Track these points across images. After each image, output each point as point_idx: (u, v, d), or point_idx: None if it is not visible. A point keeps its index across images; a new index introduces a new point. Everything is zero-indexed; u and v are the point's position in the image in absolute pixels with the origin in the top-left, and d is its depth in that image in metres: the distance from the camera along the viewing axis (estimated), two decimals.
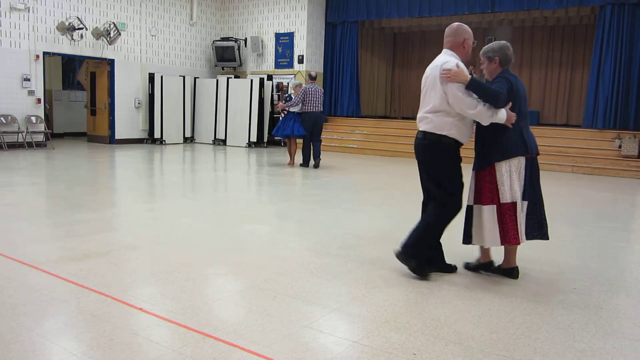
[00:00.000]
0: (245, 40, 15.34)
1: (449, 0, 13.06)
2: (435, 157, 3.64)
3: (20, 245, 4.18)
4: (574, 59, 15.10)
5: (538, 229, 3.67)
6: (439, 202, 3.67)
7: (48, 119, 13.21)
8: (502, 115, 3.46)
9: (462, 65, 3.49)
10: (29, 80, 11.66)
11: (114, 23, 12.81)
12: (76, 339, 2.63)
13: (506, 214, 3.54)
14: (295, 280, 3.56)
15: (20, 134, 11.50)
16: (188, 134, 14.88)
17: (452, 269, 3.83)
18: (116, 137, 13.51)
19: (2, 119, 11.28)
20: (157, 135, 14.06)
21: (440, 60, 3.57)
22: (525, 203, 3.58)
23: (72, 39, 12.23)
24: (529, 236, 3.65)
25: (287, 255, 4.16)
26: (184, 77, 14.51)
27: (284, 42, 14.69)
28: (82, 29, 12.24)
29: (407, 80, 18.17)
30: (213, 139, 14.74)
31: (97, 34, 12.64)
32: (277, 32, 14.80)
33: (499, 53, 3.61)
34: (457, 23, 3.74)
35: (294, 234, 5.06)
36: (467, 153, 3.67)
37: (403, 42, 18.24)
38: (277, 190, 7.72)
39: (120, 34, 12.86)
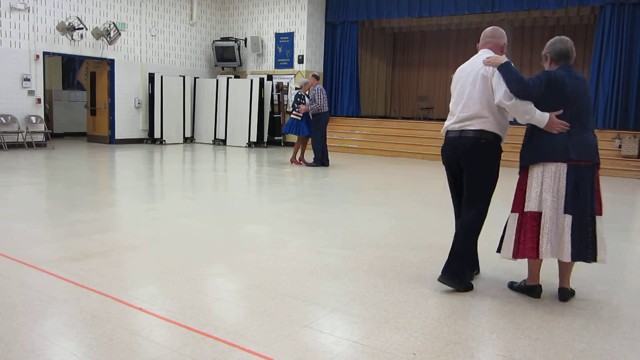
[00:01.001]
0: (245, 40, 15.34)
1: (449, 0, 13.05)
2: (491, 157, 3.45)
3: (20, 245, 4.18)
4: (574, 59, 15.07)
5: (584, 248, 3.19)
6: (482, 206, 3.48)
7: (48, 119, 13.21)
8: (542, 118, 3.22)
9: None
10: (29, 80, 11.65)
11: (114, 23, 12.81)
12: (76, 339, 2.63)
13: (527, 223, 3.25)
14: (295, 280, 3.56)
15: (20, 134, 11.50)
16: (188, 134, 14.88)
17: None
18: (116, 137, 13.50)
19: (2, 119, 11.27)
20: (157, 135, 14.06)
21: (483, 57, 3.45)
22: (568, 217, 3.17)
23: (72, 39, 12.23)
24: (575, 257, 3.19)
25: (287, 255, 4.16)
26: (184, 77, 14.51)
27: (284, 42, 14.68)
28: (82, 29, 12.23)
29: (407, 80, 18.18)
30: (213, 139, 14.73)
31: (97, 34, 12.63)
32: (277, 32, 14.80)
33: (548, 49, 3.40)
34: (496, 27, 3.65)
35: (294, 234, 5.06)
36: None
37: (403, 42, 18.24)
38: (277, 190, 7.71)
39: (120, 34, 12.85)
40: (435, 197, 7.38)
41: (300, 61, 14.46)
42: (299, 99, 10.14)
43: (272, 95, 14.45)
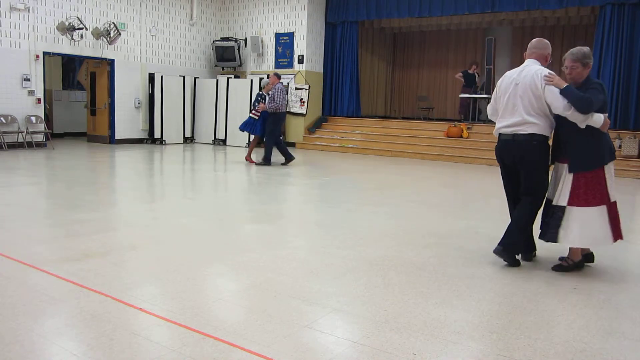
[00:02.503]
0: (245, 40, 15.34)
1: (449, 0, 13.05)
2: (542, 156, 3.97)
3: (20, 245, 4.18)
4: None
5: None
6: (536, 197, 4.03)
7: (48, 119, 13.21)
8: (599, 120, 3.72)
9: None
10: (29, 80, 11.65)
11: (114, 23, 12.80)
12: (76, 339, 2.63)
13: (616, 211, 3.89)
14: (295, 280, 3.56)
15: (20, 134, 11.50)
16: (188, 134, 14.88)
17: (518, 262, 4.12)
18: (116, 137, 13.50)
19: (2, 119, 11.27)
20: (157, 135, 14.06)
21: (533, 68, 3.88)
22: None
23: (72, 39, 12.23)
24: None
25: (287, 255, 4.16)
26: (184, 77, 14.51)
27: (284, 42, 14.68)
28: (82, 29, 12.23)
29: (407, 80, 18.17)
30: (213, 139, 14.74)
31: (97, 34, 12.63)
32: (277, 32, 14.79)
33: (589, 58, 3.81)
34: (540, 38, 4.07)
35: (294, 234, 5.06)
36: None
37: (403, 42, 18.23)
38: (277, 190, 7.72)
39: (120, 34, 12.85)
40: (435, 197, 7.38)
41: (300, 61, 14.46)
42: (259, 98, 10.20)
43: None
